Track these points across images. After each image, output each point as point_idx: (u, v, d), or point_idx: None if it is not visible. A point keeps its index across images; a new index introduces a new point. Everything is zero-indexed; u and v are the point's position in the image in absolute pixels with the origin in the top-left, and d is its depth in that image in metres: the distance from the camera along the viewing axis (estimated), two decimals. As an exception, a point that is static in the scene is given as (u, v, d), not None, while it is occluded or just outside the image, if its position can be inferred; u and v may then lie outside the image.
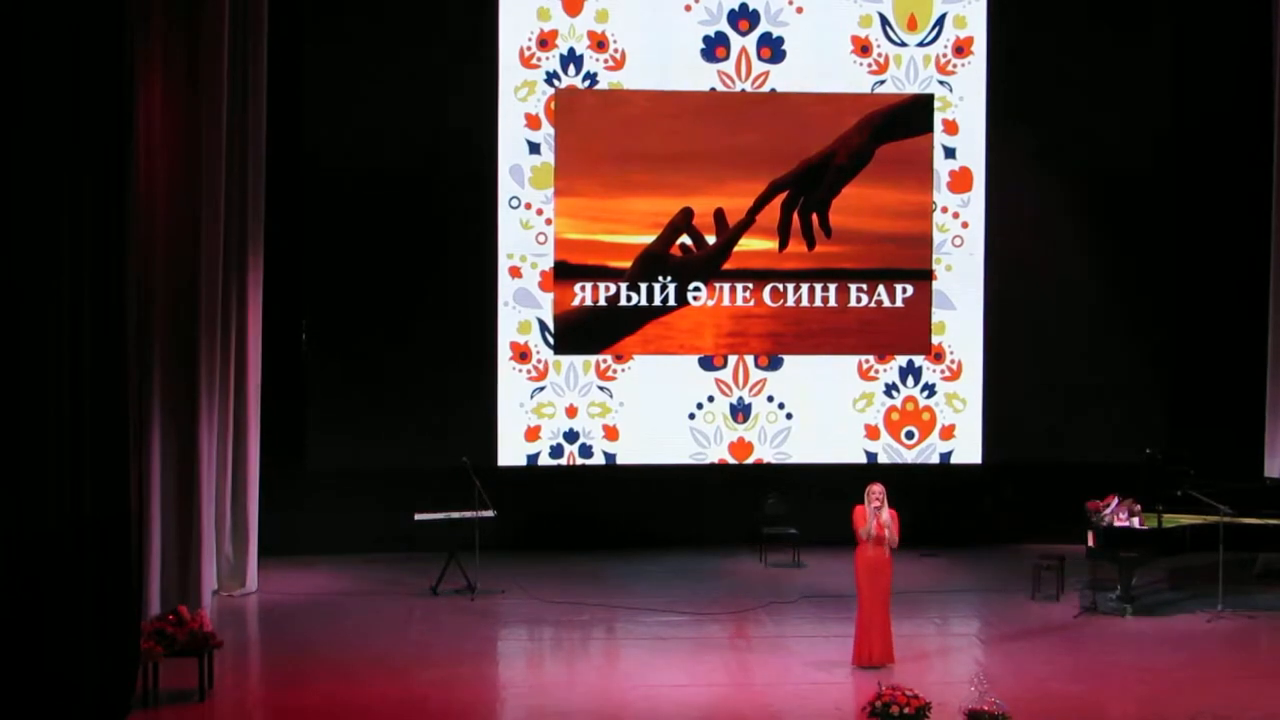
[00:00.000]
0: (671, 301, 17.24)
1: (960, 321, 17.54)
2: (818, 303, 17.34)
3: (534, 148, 17.05)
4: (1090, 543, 14.96)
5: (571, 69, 17.02)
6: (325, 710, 11.84)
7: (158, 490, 13.95)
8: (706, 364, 17.38)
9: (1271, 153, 16.69)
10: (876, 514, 12.84)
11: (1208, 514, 14.81)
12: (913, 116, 17.37)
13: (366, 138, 16.81)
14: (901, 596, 14.24)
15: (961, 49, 17.36)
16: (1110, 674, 12.88)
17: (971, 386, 17.59)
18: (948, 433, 17.60)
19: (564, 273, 17.12)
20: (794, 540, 16.76)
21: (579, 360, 17.23)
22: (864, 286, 17.39)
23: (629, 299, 17.19)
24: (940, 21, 17.31)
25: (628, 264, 17.18)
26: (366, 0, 16.89)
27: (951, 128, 17.39)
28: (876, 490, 12.93)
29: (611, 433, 17.25)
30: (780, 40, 17.21)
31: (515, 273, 17.11)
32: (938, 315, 17.51)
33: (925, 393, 17.55)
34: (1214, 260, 17.51)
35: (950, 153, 17.42)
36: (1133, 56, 17.42)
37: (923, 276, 17.46)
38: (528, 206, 17.08)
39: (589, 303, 17.16)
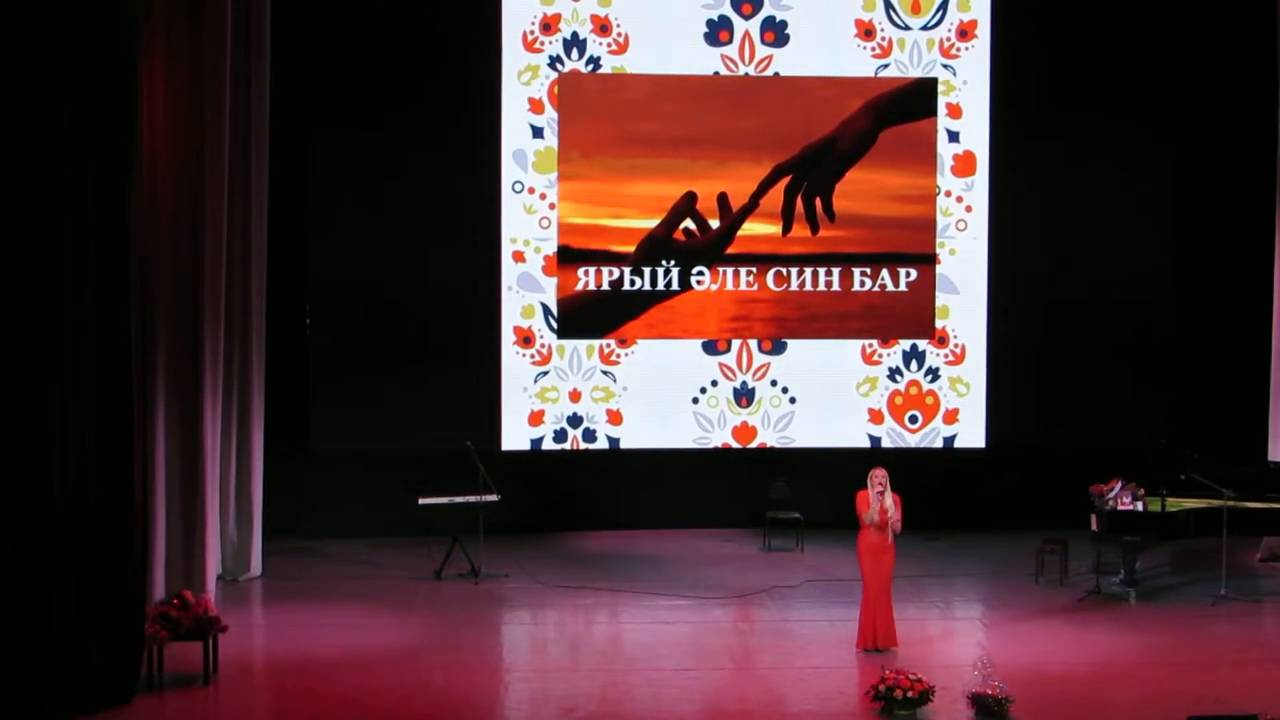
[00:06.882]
0: (675, 286, 17.24)
1: (964, 305, 17.54)
2: (821, 287, 17.33)
3: (537, 132, 17.04)
4: (1094, 526, 14.97)
5: (575, 53, 17.00)
6: (329, 694, 11.86)
7: (162, 475, 13.97)
8: (710, 348, 17.38)
9: (1276, 135, 16.65)
10: (880, 498, 12.85)
11: (1211, 498, 14.81)
12: (916, 100, 17.34)
13: (368, 123, 16.79)
14: (905, 581, 14.26)
15: (965, 33, 17.33)
16: (1114, 658, 12.89)
17: (975, 370, 17.59)
18: (951, 417, 17.60)
19: (567, 257, 17.12)
20: (798, 524, 16.76)
21: (582, 344, 17.23)
22: (867, 270, 17.39)
23: (632, 283, 17.18)
24: (944, 5, 17.27)
25: (631, 248, 17.18)
26: (369, -14, 16.91)
27: (955, 111, 17.37)
28: (879, 474, 12.92)
29: (615, 417, 17.26)
30: (784, 24, 17.18)
31: (519, 257, 17.11)
32: (941, 299, 17.50)
33: (929, 377, 17.55)
34: (1218, 243, 17.49)
35: (954, 136, 17.40)
36: (1137, 42, 17.37)
37: (926, 260, 17.44)
38: (531, 191, 17.07)
39: (592, 287, 17.15)
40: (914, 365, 17.54)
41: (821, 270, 17.33)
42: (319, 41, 16.66)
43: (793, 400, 17.46)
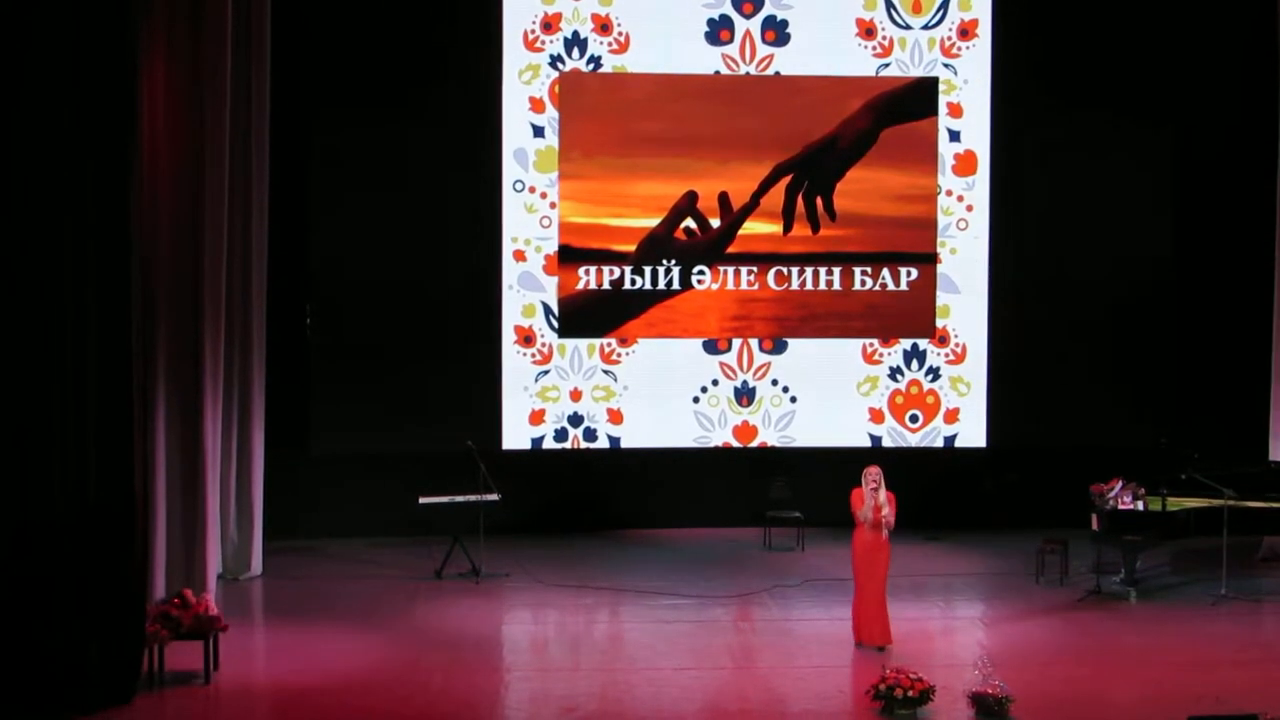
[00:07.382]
0: (676, 285, 17.23)
1: (964, 305, 17.53)
2: (822, 286, 17.33)
3: (538, 131, 17.04)
4: (1094, 526, 14.98)
5: (576, 52, 17.00)
6: (329, 692, 11.87)
7: (163, 475, 13.98)
8: (711, 347, 17.38)
9: (1276, 133, 16.64)
10: (874, 495, 12.85)
11: (1212, 498, 14.81)
12: (917, 99, 17.34)
13: (369, 123, 16.79)
14: (905, 580, 14.28)
15: (966, 32, 17.33)
16: (1114, 657, 12.90)
17: (976, 370, 17.58)
18: (952, 416, 17.59)
19: (568, 256, 17.12)
20: (798, 524, 16.76)
21: (583, 344, 17.23)
22: (868, 270, 17.38)
23: (633, 283, 17.19)
24: (945, 4, 17.27)
25: (632, 247, 17.18)
26: (370, -15, 16.90)
27: (956, 111, 17.37)
28: (873, 472, 12.93)
29: (616, 416, 17.26)
30: (785, 23, 17.18)
31: (519, 256, 17.11)
32: (942, 299, 17.49)
33: (929, 376, 17.55)
34: (1219, 243, 17.48)
35: (955, 136, 17.40)
36: (1138, 41, 17.37)
37: (927, 260, 17.44)
38: (532, 190, 17.07)
39: (593, 286, 17.15)
40: (914, 364, 17.54)
41: (822, 269, 17.33)
42: (319, 41, 16.64)
43: (793, 399, 17.46)
